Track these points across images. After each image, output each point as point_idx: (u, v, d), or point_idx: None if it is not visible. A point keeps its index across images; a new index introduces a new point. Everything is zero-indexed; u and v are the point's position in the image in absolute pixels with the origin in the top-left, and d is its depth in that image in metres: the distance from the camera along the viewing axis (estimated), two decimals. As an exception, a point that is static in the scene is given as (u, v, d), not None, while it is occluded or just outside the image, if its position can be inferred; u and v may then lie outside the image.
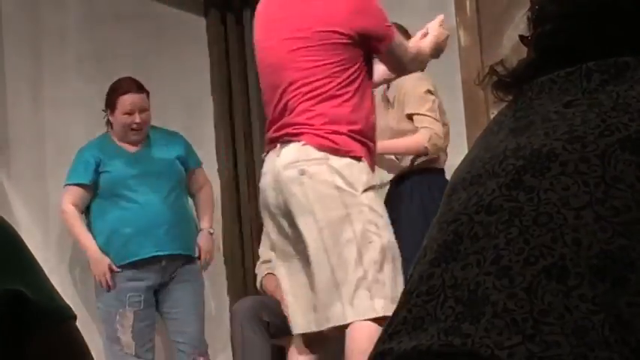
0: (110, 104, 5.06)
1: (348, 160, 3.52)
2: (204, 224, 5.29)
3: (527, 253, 0.94)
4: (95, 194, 5.04)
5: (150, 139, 5.15)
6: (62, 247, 5.39)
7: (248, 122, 6.03)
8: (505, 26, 4.75)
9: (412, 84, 4.80)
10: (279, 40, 3.60)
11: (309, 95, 3.56)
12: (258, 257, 5.44)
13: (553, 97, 1.05)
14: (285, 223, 3.62)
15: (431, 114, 4.71)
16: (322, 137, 3.53)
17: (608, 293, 0.90)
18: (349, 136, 3.54)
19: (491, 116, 4.85)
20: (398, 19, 5.24)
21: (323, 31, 3.54)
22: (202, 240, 5.25)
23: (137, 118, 5.03)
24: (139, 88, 5.06)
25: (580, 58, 1.05)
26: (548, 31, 1.08)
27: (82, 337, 1.27)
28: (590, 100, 1.02)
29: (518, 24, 4.72)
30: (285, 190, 3.54)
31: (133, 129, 5.04)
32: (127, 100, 5.02)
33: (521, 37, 1.13)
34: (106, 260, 4.95)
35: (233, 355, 5.60)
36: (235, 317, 4.98)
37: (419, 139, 4.70)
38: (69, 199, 5.01)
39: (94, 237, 5.00)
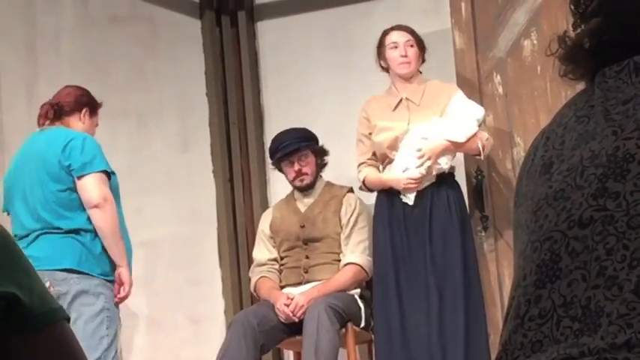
0: (94, 105, 4.71)
1: None
2: None
3: (629, 259, 0.97)
4: None
5: None
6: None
7: (243, 124, 6.03)
8: (500, 28, 4.74)
9: (454, 90, 4.73)
10: None
11: None
12: (252, 259, 5.43)
13: (608, 96, 1.08)
14: None
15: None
16: None
17: None
18: None
19: (486, 118, 4.83)
20: (395, 20, 5.24)
21: None
22: None
23: None
24: None
25: (628, 52, 1.09)
26: (596, 27, 1.12)
27: (75, 339, 1.27)
28: None
29: (513, 26, 4.72)
30: None
31: None
32: None
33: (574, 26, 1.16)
34: None
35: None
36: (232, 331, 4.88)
37: (479, 138, 4.66)
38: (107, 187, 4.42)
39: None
